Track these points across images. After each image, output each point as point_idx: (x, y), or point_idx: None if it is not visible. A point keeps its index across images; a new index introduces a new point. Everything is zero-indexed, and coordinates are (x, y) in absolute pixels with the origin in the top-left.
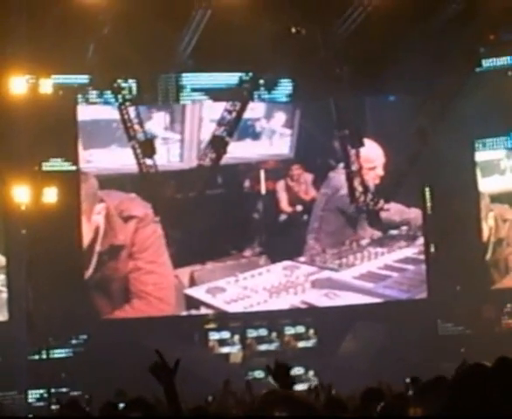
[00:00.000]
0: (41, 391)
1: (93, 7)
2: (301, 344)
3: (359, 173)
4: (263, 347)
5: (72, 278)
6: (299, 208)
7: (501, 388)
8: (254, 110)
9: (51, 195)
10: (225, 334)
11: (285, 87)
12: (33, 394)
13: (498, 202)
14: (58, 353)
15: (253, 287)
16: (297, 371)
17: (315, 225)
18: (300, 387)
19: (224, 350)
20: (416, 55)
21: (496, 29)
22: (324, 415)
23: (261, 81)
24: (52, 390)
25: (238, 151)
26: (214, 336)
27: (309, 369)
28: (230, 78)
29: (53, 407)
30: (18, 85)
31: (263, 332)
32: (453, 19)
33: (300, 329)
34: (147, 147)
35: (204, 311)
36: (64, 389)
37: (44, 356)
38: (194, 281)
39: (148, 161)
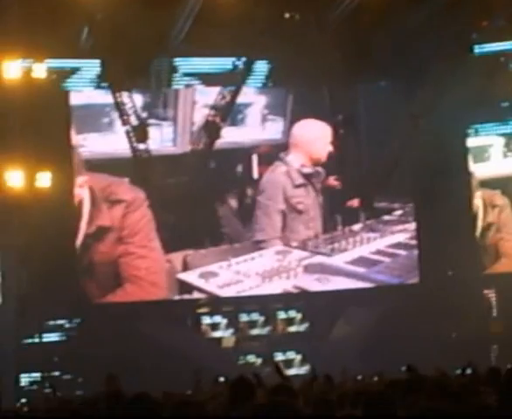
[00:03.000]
0: (33, 375)
1: None
2: (293, 328)
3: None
4: (255, 332)
5: (65, 262)
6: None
7: None
8: (247, 95)
9: (44, 179)
10: (218, 319)
11: (278, 73)
12: (26, 379)
13: (488, 188)
14: (51, 337)
15: (246, 272)
16: (289, 356)
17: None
18: (292, 371)
19: (217, 334)
20: (409, 41)
21: (489, 15)
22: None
23: (254, 66)
24: (45, 374)
25: (231, 136)
26: (206, 320)
27: (300, 353)
28: (223, 63)
29: (46, 390)
30: (12, 69)
31: (255, 316)
32: (445, 5)
33: (292, 313)
34: (140, 132)
35: (196, 295)
36: (56, 373)
37: (37, 340)
38: (187, 265)
39: (142, 146)
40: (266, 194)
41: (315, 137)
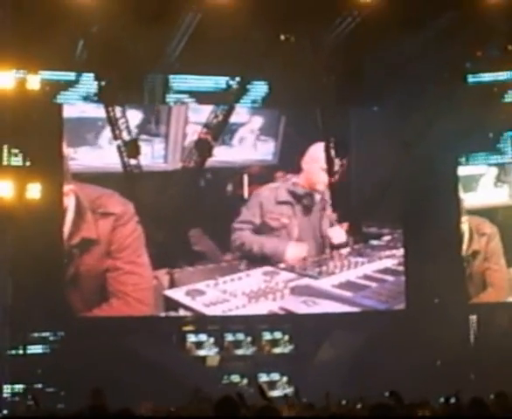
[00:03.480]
0: (16, 387)
1: (83, 3)
2: (278, 350)
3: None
4: (240, 352)
5: (52, 274)
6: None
7: None
8: (240, 115)
9: (35, 190)
10: (203, 337)
11: (271, 94)
12: (8, 390)
13: (476, 215)
14: (35, 349)
15: (233, 291)
16: (273, 377)
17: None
18: (275, 393)
19: (202, 353)
20: (402, 67)
21: (484, 45)
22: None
23: (248, 86)
24: (28, 386)
25: (223, 154)
26: (191, 338)
27: (285, 375)
28: (217, 82)
29: (28, 403)
30: (5, 79)
31: (240, 336)
32: (440, 34)
33: (278, 335)
34: (132, 147)
35: (182, 313)
36: (39, 385)
37: (21, 352)
38: (174, 283)
39: (133, 162)
40: (247, 204)
41: (317, 161)
